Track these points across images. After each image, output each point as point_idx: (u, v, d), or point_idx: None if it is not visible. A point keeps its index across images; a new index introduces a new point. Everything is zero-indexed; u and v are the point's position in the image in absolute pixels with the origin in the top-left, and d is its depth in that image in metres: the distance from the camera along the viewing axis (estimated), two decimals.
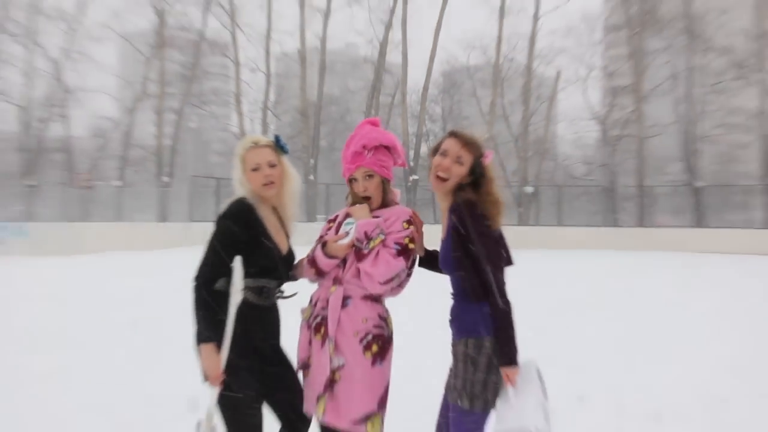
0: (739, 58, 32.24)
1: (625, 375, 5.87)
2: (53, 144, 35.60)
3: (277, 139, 2.98)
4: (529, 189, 31.73)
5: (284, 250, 2.93)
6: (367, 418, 2.72)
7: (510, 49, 33.48)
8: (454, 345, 2.72)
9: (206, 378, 2.71)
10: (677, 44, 32.72)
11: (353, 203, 2.91)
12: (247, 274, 2.76)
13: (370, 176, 2.83)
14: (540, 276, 13.92)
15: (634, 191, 31.65)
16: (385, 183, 2.88)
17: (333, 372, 2.72)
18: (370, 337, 2.76)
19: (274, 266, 2.87)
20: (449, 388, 2.70)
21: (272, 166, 2.88)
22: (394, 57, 33.69)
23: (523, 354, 2.63)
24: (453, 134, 2.76)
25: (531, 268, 13.89)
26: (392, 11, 32.79)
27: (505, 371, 2.59)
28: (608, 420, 4.59)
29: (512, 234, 2.78)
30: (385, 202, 2.90)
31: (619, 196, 33.03)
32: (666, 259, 20.65)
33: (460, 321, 2.70)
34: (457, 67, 37.62)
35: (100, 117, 39.01)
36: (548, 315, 8.55)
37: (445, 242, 2.72)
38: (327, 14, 32.97)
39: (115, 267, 16.05)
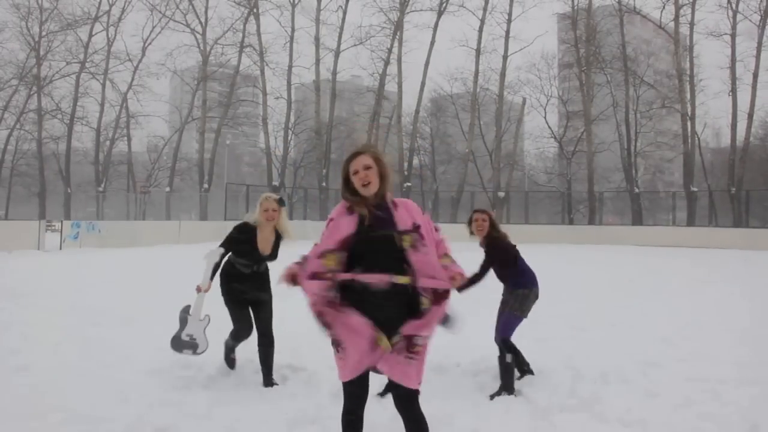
0: (663, 91, 32.76)
1: (577, 345, 5.82)
2: (119, 158, 35.72)
3: (281, 198, 4.56)
4: (501, 194, 31.69)
5: (266, 251, 4.49)
6: None
7: (485, 81, 33.66)
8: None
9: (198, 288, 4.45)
10: (616, 79, 33.06)
11: (349, 201, 2.68)
12: (239, 255, 4.50)
13: (369, 168, 2.65)
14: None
15: (586, 196, 31.63)
16: (382, 177, 2.68)
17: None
18: None
19: (251, 256, 4.47)
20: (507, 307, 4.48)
21: (274, 210, 4.46)
22: (391, 87, 33.77)
23: None
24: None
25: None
26: (390, 50, 32.97)
27: None
28: (565, 382, 4.54)
29: None
30: (383, 192, 2.68)
31: (574, 200, 33.03)
32: (612, 251, 20.62)
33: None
34: (443, 95, 37.60)
35: (155, 136, 39.12)
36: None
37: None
38: (337, 53, 33.04)
39: (164, 257, 16.00)
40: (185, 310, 4.57)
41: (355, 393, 2.71)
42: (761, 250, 20.93)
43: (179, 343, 4.54)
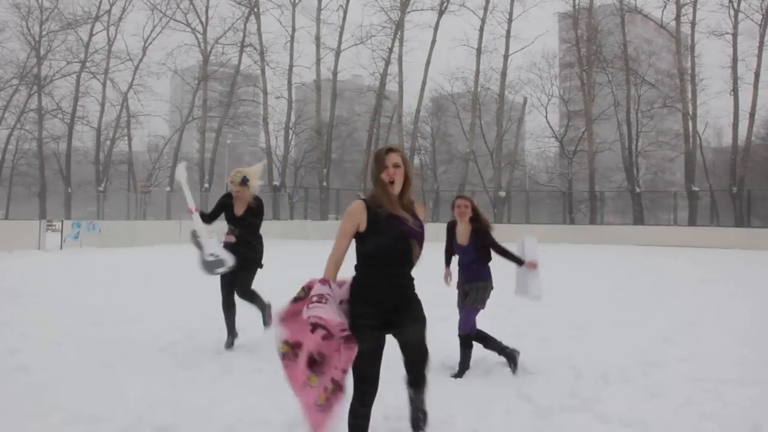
0: (665, 90, 32.77)
1: (578, 345, 5.81)
2: (119, 157, 35.76)
3: (244, 178, 5.29)
4: (502, 193, 31.67)
5: (238, 214, 5.36)
6: None
7: (486, 81, 33.60)
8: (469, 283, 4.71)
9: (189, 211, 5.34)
10: (617, 79, 33.01)
11: (376, 194, 2.74)
12: (227, 221, 5.45)
13: (398, 166, 2.73)
14: (511, 265, 13.82)
15: (587, 195, 31.61)
16: (406, 180, 2.77)
17: None
18: None
19: (231, 219, 5.40)
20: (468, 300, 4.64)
21: (237, 191, 5.32)
22: (392, 86, 33.74)
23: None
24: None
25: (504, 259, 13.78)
26: (390, 50, 32.98)
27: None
28: (566, 382, 4.53)
29: None
30: (404, 194, 2.77)
31: (575, 200, 33.02)
32: (613, 250, 20.59)
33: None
34: (443, 94, 37.59)
35: (156, 136, 39.15)
36: (518, 297, 8.47)
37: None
38: (338, 52, 33.03)
39: (165, 257, 16.00)
40: (194, 235, 5.22)
41: (366, 390, 2.71)
42: (763, 250, 20.90)
43: (209, 265, 5.12)
